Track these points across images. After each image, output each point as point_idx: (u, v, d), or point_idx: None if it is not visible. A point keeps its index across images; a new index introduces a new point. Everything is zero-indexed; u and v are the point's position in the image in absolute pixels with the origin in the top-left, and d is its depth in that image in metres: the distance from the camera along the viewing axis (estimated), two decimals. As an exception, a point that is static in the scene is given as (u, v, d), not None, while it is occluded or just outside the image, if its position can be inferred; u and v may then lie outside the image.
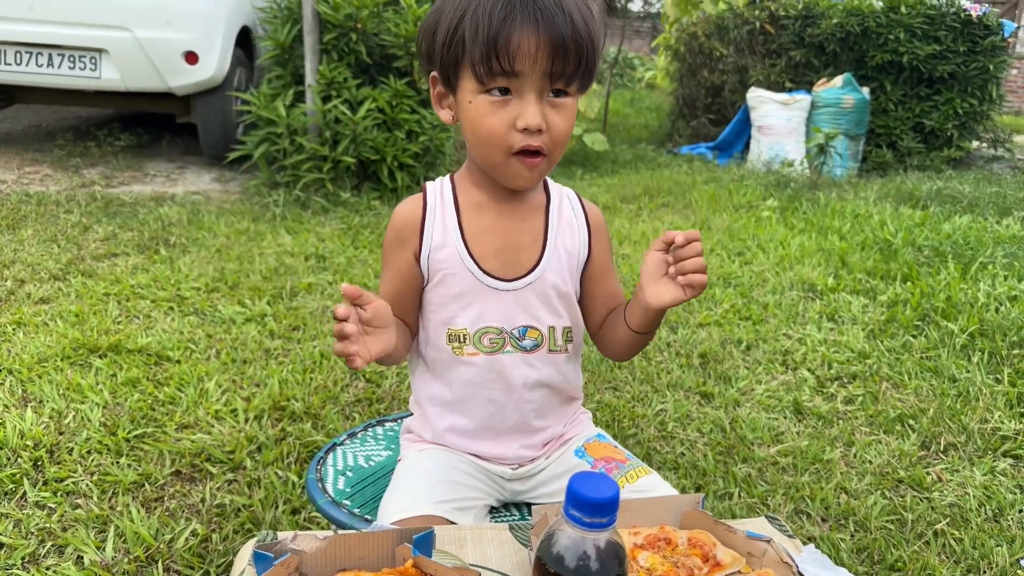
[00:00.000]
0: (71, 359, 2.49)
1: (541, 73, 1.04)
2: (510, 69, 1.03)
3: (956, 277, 3.58)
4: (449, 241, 1.17)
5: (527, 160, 1.09)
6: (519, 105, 1.06)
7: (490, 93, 1.06)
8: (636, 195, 5.36)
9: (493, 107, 1.06)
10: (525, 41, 1.02)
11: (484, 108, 1.07)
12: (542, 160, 1.10)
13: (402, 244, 1.18)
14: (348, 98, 4.56)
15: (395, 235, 1.19)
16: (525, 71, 1.03)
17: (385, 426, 1.51)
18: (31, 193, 4.38)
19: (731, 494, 2.05)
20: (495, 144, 1.08)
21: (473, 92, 1.07)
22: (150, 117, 6.78)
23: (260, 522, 1.80)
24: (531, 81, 1.04)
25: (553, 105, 1.07)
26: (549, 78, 1.05)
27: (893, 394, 2.63)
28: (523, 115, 1.05)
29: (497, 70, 1.03)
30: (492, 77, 1.04)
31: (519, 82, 1.05)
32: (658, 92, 11.27)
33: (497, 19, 1.01)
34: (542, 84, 1.05)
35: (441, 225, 1.17)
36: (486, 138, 1.09)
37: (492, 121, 1.07)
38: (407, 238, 1.17)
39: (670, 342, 2.97)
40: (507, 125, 1.07)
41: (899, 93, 6.89)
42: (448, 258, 1.16)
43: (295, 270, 3.44)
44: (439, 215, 1.18)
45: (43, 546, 1.68)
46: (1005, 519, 1.98)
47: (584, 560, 0.67)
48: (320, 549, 0.88)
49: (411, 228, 1.17)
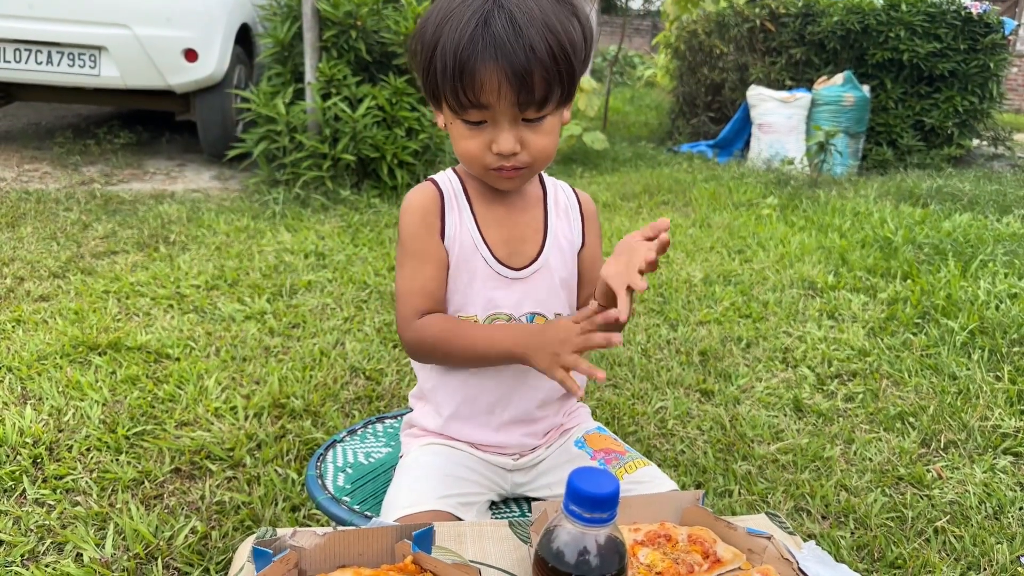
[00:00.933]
0: (70, 356, 2.49)
1: (509, 103, 1.05)
2: (477, 102, 1.05)
3: (956, 275, 3.57)
4: (465, 228, 1.18)
5: (504, 174, 1.13)
6: (493, 131, 1.08)
7: (465, 121, 1.09)
8: (636, 193, 5.36)
9: (470, 131, 1.10)
10: (488, 78, 1.02)
11: (462, 131, 1.10)
12: (519, 172, 1.13)
13: (429, 229, 1.17)
14: (348, 95, 4.56)
15: (421, 220, 1.18)
16: (492, 103, 1.05)
17: (385, 423, 1.51)
18: (31, 191, 4.37)
19: (731, 491, 2.05)
20: (474, 162, 1.13)
21: (451, 116, 1.10)
22: (150, 115, 6.78)
23: (260, 519, 1.80)
24: (501, 110, 1.06)
25: (530, 127, 1.09)
26: (518, 107, 1.06)
27: (893, 391, 2.62)
28: (497, 141, 1.08)
29: (466, 103, 1.05)
30: (463, 110, 1.06)
31: (491, 112, 1.06)
32: (658, 90, 11.26)
33: (461, 56, 1.02)
34: (513, 112, 1.06)
35: (457, 212, 1.19)
36: (466, 157, 1.13)
37: (469, 144, 1.10)
38: (431, 222, 1.18)
39: (670, 339, 2.97)
40: (483, 147, 1.10)
41: (899, 91, 6.89)
42: (464, 245, 1.18)
43: (295, 268, 3.44)
44: (454, 203, 1.19)
45: (42, 543, 1.68)
46: (1005, 516, 1.98)
47: (584, 556, 0.66)
48: (319, 545, 0.87)
49: (433, 212, 1.18)
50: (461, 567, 0.85)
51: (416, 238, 1.18)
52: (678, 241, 4.21)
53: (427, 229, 1.17)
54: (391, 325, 2.91)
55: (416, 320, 1.16)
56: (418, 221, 1.18)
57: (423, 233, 1.17)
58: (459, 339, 1.14)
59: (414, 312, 1.16)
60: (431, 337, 1.15)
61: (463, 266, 1.18)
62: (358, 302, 3.12)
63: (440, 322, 1.16)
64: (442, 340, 1.15)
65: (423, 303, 1.16)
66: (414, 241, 1.18)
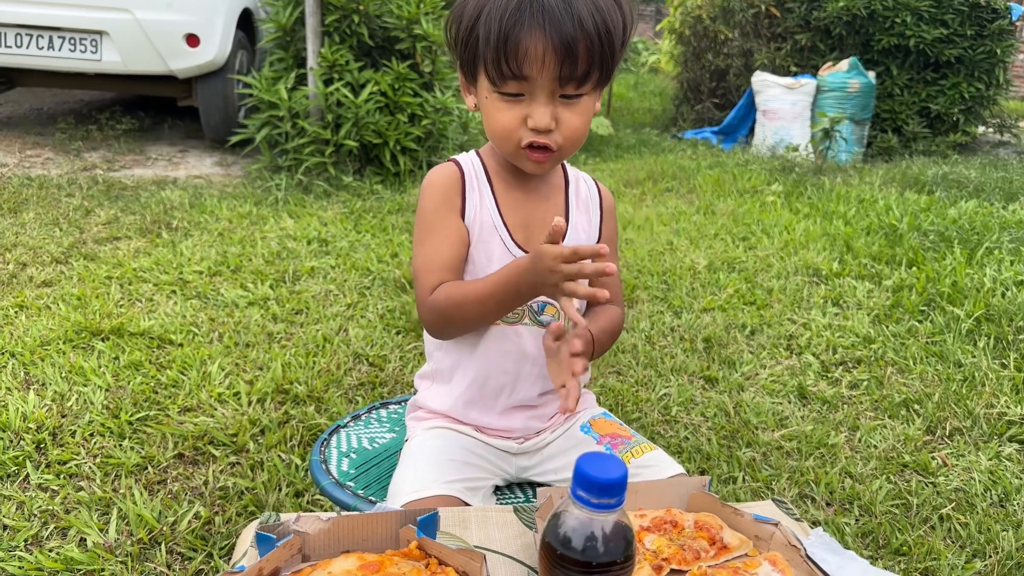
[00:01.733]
0: (73, 342, 2.48)
1: (550, 76, 1.04)
2: (519, 73, 1.03)
3: (962, 262, 3.55)
4: (486, 209, 1.18)
5: (532, 155, 1.10)
6: (530, 105, 1.07)
7: (502, 94, 1.07)
8: (640, 180, 5.34)
9: (506, 105, 1.08)
10: (533, 46, 1.01)
11: (498, 105, 1.09)
12: (550, 156, 1.11)
13: (450, 206, 1.16)
14: (350, 81, 4.53)
15: (442, 197, 1.17)
16: (534, 75, 1.04)
17: (389, 408, 1.51)
18: (33, 176, 4.36)
19: (735, 478, 2.04)
20: (506, 138, 1.11)
21: (488, 90, 1.09)
22: (152, 101, 6.75)
23: (263, 504, 1.80)
24: (541, 84, 1.05)
25: (567, 104, 1.08)
26: (559, 81, 1.04)
27: (898, 379, 2.61)
28: (533, 115, 1.07)
29: (507, 74, 1.04)
30: (503, 80, 1.05)
31: (529, 84, 1.05)
32: (662, 76, 11.20)
33: (507, 23, 1.01)
34: (552, 86, 1.05)
35: (478, 193, 1.18)
36: (498, 133, 1.11)
37: (504, 117, 1.09)
38: (452, 200, 1.17)
39: (674, 327, 2.95)
40: (518, 122, 1.08)
41: (905, 77, 6.84)
42: (484, 225, 1.17)
43: (297, 254, 3.43)
44: (475, 183, 1.19)
45: (46, 528, 1.68)
46: (1011, 504, 1.97)
47: (591, 541, 0.66)
48: (323, 530, 0.87)
49: (454, 190, 1.17)
50: (466, 552, 0.84)
51: (436, 214, 1.16)
52: (682, 228, 4.20)
53: (448, 207, 1.16)
54: (394, 311, 2.90)
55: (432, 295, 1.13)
56: (439, 199, 1.17)
57: (444, 210, 1.16)
58: (470, 295, 1.11)
59: (430, 288, 1.13)
60: (445, 303, 1.11)
61: (481, 246, 1.17)
62: (361, 289, 3.11)
63: (448, 288, 1.13)
64: (456, 303, 1.11)
65: (442, 279, 1.14)
66: (434, 218, 1.16)
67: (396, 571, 0.84)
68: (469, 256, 1.18)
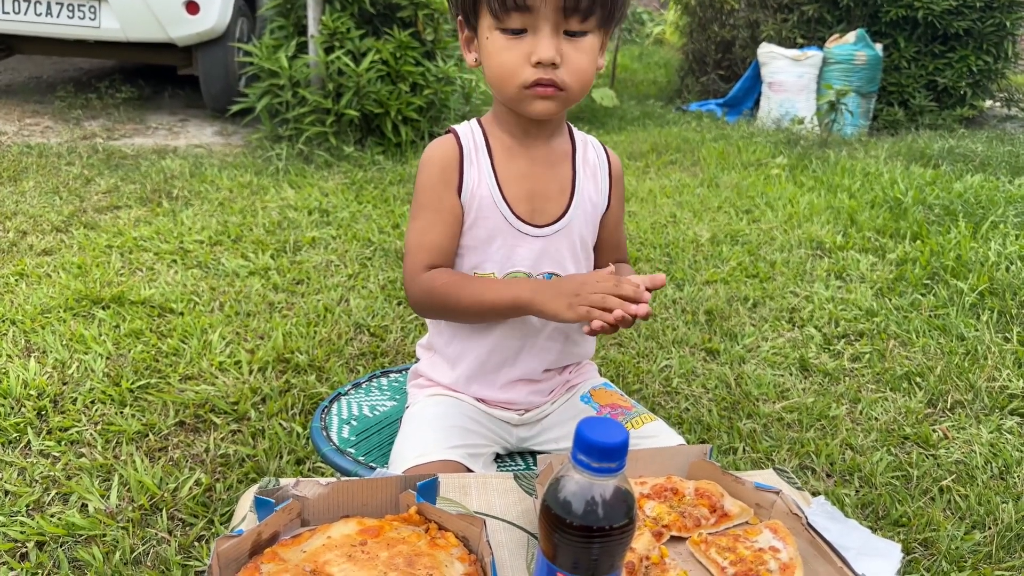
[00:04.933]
0: (74, 310, 2.48)
1: (555, 7, 1.01)
2: (523, 3, 1.01)
3: (966, 236, 3.53)
4: (484, 183, 1.15)
5: (539, 91, 1.07)
6: (534, 40, 1.04)
7: (505, 31, 1.04)
8: (644, 152, 5.30)
9: (509, 43, 1.05)
10: None
11: (500, 43, 1.06)
12: (556, 94, 1.07)
13: (447, 183, 1.14)
14: (351, 49, 4.48)
15: (439, 174, 1.15)
16: (537, 5, 1.01)
17: (390, 377, 1.50)
18: (32, 145, 4.33)
19: (735, 449, 2.04)
20: (510, 78, 1.07)
21: (490, 28, 1.06)
22: (152, 69, 6.69)
23: (264, 471, 1.80)
24: (544, 15, 1.02)
25: (571, 42, 1.05)
26: (563, 12, 1.02)
27: (900, 352, 2.61)
28: (537, 49, 1.04)
29: (511, 4, 1.01)
30: (506, 12, 1.02)
31: (533, 18, 1.02)
32: (667, 47, 11.08)
33: None
34: (556, 19, 1.03)
35: (476, 167, 1.15)
36: (501, 72, 1.07)
37: (507, 56, 1.06)
38: (450, 176, 1.14)
39: (676, 299, 2.94)
40: (522, 59, 1.05)
41: (913, 50, 6.75)
42: (483, 200, 1.15)
43: (298, 224, 3.41)
44: (474, 157, 1.16)
45: (48, 494, 1.69)
46: (1011, 476, 1.97)
47: (592, 506, 0.65)
48: (322, 495, 0.86)
49: (452, 166, 1.14)
50: (466, 517, 0.84)
51: (432, 192, 1.15)
52: (686, 200, 4.17)
53: (444, 183, 1.14)
54: (395, 282, 2.89)
55: (423, 274, 1.14)
56: (436, 175, 1.15)
57: (440, 187, 1.14)
58: (466, 290, 1.12)
59: (420, 266, 1.14)
60: (438, 288, 1.12)
61: (481, 222, 1.15)
62: (362, 259, 3.10)
63: (447, 275, 1.14)
64: (449, 292, 1.12)
65: (432, 258, 1.14)
66: (430, 195, 1.15)
67: (396, 535, 0.83)
68: (469, 232, 1.15)
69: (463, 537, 0.84)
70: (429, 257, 1.14)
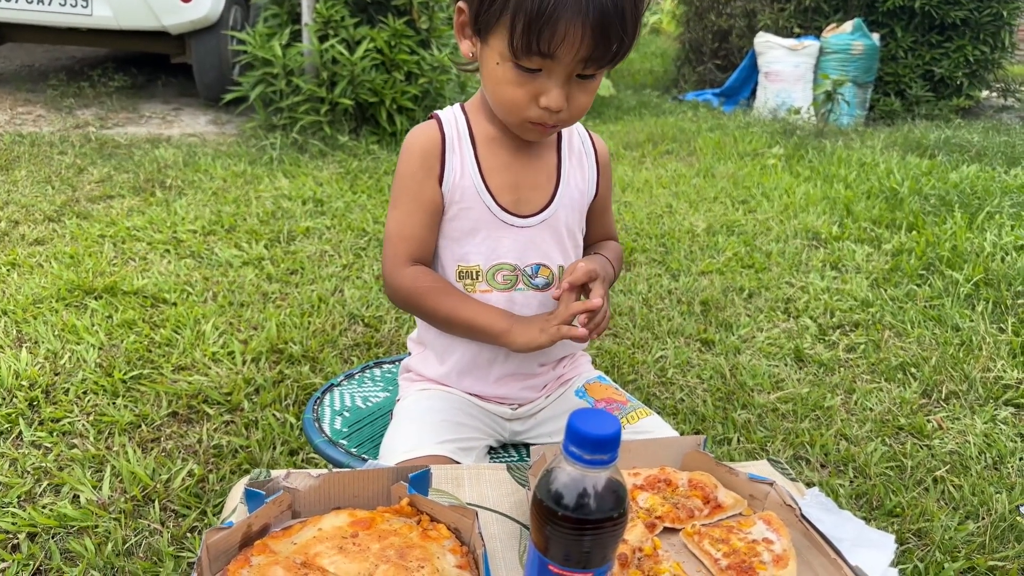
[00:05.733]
0: (66, 300, 2.46)
1: (578, 59, 0.97)
2: (548, 53, 0.96)
3: (962, 226, 3.53)
4: (467, 173, 1.13)
5: (538, 128, 1.06)
6: (545, 82, 1.01)
7: (519, 67, 1.00)
8: (640, 142, 5.28)
9: (520, 78, 1.01)
10: (572, 29, 0.94)
11: (510, 76, 1.01)
12: (553, 129, 1.08)
13: (427, 173, 1.12)
14: (346, 37, 4.45)
15: (419, 163, 1.12)
16: (562, 57, 0.97)
17: (383, 368, 1.49)
18: (24, 134, 4.30)
19: (730, 439, 2.04)
20: (514, 111, 1.05)
21: (503, 56, 1.00)
22: (145, 57, 6.65)
23: (257, 462, 1.80)
24: (564, 64, 0.98)
25: (579, 84, 1.03)
26: (584, 63, 0.98)
27: (895, 342, 2.60)
28: (547, 95, 1.01)
29: (535, 51, 0.96)
30: (528, 56, 0.97)
31: (553, 63, 0.98)
32: (664, 37, 11.05)
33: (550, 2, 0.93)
34: (575, 67, 0.99)
35: (459, 156, 1.13)
36: (506, 104, 1.05)
37: (515, 92, 1.02)
38: (431, 165, 1.12)
39: (671, 289, 2.94)
40: (529, 98, 1.02)
41: (909, 40, 6.74)
42: (465, 191, 1.13)
43: (293, 214, 3.40)
44: (456, 146, 1.13)
45: (39, 485, 1.68)
46: (1005, 466, 1.97)
47: (583, 499, 0.64)
48: (313, 487, 0.86)
49: (433, 156, 1.12)
50: (458, 509, 0.83)
51: (413, 180, 1.13)
52: (681, 191, 4.16)
53: (425, 172, 1.12)
54: (390, 272, 2.88)
55: (404, 268, 1.13)
56: (416, 163, 1.12)
57: (420, 176, 1.12)
58: (444, 301, 1.13)
59: (400, 257, 1.13)
60: (418, 289, 1.13)
61: (464, 213, 1.13)
62: (357, 249, 3.09)
63: (428, 279, 1.13)
64: (426, 296, 1.13)
65: (410, 249, 1.13)
66: (410, 183, 1.13)
67: (387, 527, 0.83)
68: (452, 224, 1.14)
69: (455, 529, 0.84)
70: (409, 248, 1.13)
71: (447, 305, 1.12)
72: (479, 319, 1.11)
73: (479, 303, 1.13)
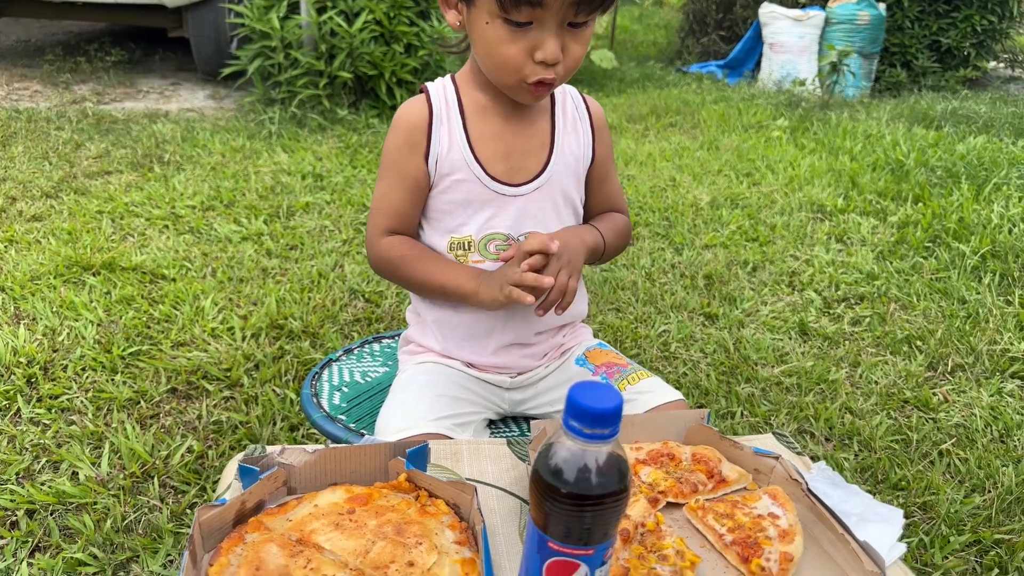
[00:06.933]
0: (64, 277, 2.44)
1: (568, 2, 0.95)
2: (538, 1, 0.94)
3: (969, 198, 3.49)
4: (455, 146, 1.11)
5: (534, 89, 1.04)
6: (538, 35, 0.98)
7: (509, 22, 0.98)
8: (643, 115, 5.22)
9: (512, 35, 0.99)
10: None
11: (502, 34, 0.99)
12: (550, 88, 1.05)
13: (412, 148, 1.12)
14: (344, 9, 4.38)
15: (404, 139, 1.12)
16: (550, 2, 0.95)
17: (382, 343, 1.47)
18: (21, 109, 4.26)
19: (733, 413, 2.02)
20: (510, 72, 1.02)
21: (492, 14, 0.98)
22: (141, 31, 6.58)
23: (257, 438, 1.78)
24: (555, 11, 0.96)
25: (572, 33, 1.00)
26: (575, 7, 0.96)
27: (901, 315, 2.58)
28: (542, 47, 0.98)
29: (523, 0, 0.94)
30: (516, 7, 0.95)
31: (543, 12, 0.96)
32: (667, 8, 10.91)
33: None
34: (566, 13, 0.97)
35: (447, 129, 1.12)
36: (500, 64, 1.02)
37: (509, 49, 1.00)
38: (416, 141, 1.11)
39: (675, 263, 2.91)
40: (524, 55, 1.00)
41: (916, 9, 6.63)
42: (455, 163, 1.11)
43: (292, 189, 3.36)
44: (444, 118, 1.12)
45: (38, 461, 1.67)
46: (1011, 439, 1.96)
47: (584, 473, 0.62)
48: (309, 463, 0.84)
49: (419, 131, 1.11)
50: (456, 484, 0.81)
51: (398, 155, 1.13)
52: (685, 164, 4.11)
53: (410, 148, 1.12)
54: (390, 247, 2.85)
55: (383, 238, 1.15)
56: (401, 139, 1.12)
57: (405, 151, 1.12)
58: (418, 266, 1.14)
59: (381, 230, 1.15)
60: (394, 258, 1.14)
61: (456, 185, 1.12)
62: (357, 224, 3.06)
63: (404, 246, 1.15)
64: (402, 264, 1.14)
65: (391, 222, 1.15)
66: (395, 157, 1.13)
67: (385, 503, 0.81)
68: (442, 197, 1.13)
69: (454, 504, 0.82)
70: (388, 221, 1.15)
71: (420, 270, 1.13)
72: (449, 281, 1.12)
73: (452, 265, 1.14)
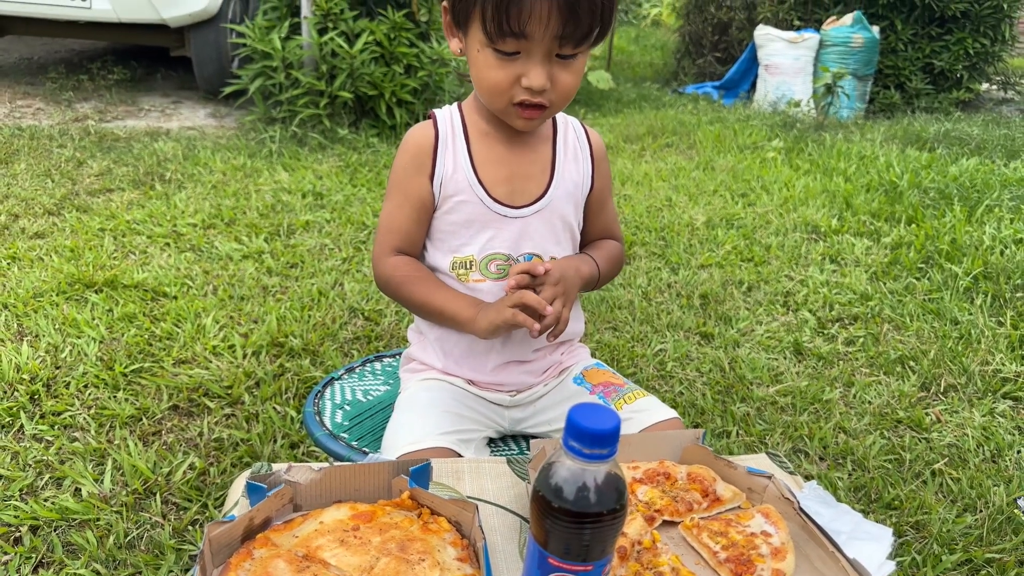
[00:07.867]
0: (67, 294, 2.47)
1: (551, 36, 1.00)
2: (520, 32, 0.99)
3: (961, 219, 3.53)
4: (460, 168, 1.16)
5: (524, 112, 1.08)
6: (525, 64, 1.03)
7: (497, 51, 1.03)
8: (640, 135, 5.28)
9: (500, 63, 1.04)
10: (538, 5, 0.97)
11: (490, 61, 1.04)
12: (541, 113, 1.09)
13: (419, 169, 1.16)
14: (345, 30, 4.44)
15: (411, 160, 1.17)
16: (535, 34, 0.99)
17: (383, 361, 1.50)
18: (23, 127, 4.30)
19: (729, 432, 2.05)
20: (498, 95, 1.08)
21: (481, 44, 1.04)
22: (144, 50, 6.63)
23: (258, 456, 1.80)
24: (540, 43, 1.01)
25: (562, 63, 1.05)
26: (559, 40, 1.01)
27: (894, 336, 2.61)
28: (528, 75, 1.03)
29: (507, 31, 0.99)
30: (501, 38, 1.00)
31: (528, 43, 1.01)
32: (664, 29, 11.02)
33: None
34: (551, 46, 1.01)
35: (452, 152, 1.16)
36: (489, 89, 1.08)
37: (497, 75, 1.05)
38: (422, 162, 1.16)
39: (671, 283, 2.94)
40: (511, 80, 1.05)
41: (909, 32, 6.72)
42: (459, 185, 1.16)
43: (292, 207, 3.40)
44: (450, 142, 1.17)
45: (41, 478, 1.68)
46: (1003, 459, 1.98)
47: (583, 492, 0.65)
48: (315, 480, 0.86)
49: (426, 153, 1.16)
50: (458, 502, 0.84)
51: (404, 176, 1.17)
52: (681, 184, 4.16)
53: (416, 169, 1.16)
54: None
55: (389, 257, 1.18)
56: (408, 160, 1.17)
57: (412, 173, 1.17)
58: (419, 288, 1.17)
59: (387, 249, 1.19)
60: (398, 277, 1.18)
61: (458, 207, 1.16)
62: (356, 243, 3.09)
63: (408, 267, 1.18)
64: (405, 284, 1.18)
65: (397, 241, 1.18)
66: (402, 179, 1.18)
67: (388, 521, 0.83)
68: (446, 218, 1.17)
69: (456, 522, 0.84)
70: (394, 240, 1.18)
71: (421, 292, 1.17)
72: (448, 307, 1.15)
73: (452, 291, 1.17)
